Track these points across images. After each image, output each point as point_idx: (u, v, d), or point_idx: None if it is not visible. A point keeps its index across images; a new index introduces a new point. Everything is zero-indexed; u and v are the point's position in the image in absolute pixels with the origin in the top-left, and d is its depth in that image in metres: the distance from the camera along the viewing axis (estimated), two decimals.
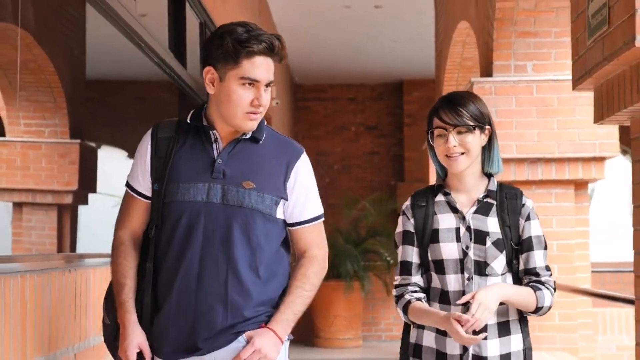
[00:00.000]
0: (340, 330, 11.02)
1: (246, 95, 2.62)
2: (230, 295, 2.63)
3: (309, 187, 2.78)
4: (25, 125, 3.70)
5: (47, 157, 3.88)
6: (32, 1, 3.65)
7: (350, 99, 13.62)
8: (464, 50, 8.07)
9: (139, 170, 2.76)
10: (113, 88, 4.92)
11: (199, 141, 2.71)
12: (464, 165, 2.84)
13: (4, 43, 3.45)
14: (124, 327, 2.67)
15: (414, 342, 2.93)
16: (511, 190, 2.89)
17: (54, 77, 3.83)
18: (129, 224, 2.77)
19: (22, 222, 3.78)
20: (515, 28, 6.07)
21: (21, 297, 2.84)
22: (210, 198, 2.65)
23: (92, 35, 4.27)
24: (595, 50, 3.12)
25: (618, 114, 3.14)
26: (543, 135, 6.02)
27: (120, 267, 2.72)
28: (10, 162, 3.66)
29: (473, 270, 2.81)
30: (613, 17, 2.94)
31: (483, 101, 2.86)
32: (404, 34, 10.80)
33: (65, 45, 4.10)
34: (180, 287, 2.65)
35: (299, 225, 2.78)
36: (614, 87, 3.14)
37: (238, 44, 2.61)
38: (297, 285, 2.73)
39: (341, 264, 10.82)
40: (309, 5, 9.64)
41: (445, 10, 8.45)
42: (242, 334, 2.66)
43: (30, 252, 3.73)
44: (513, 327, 2.84)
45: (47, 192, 3.85)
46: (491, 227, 2.83)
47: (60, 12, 3.98)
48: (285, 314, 2.69)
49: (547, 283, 2.83)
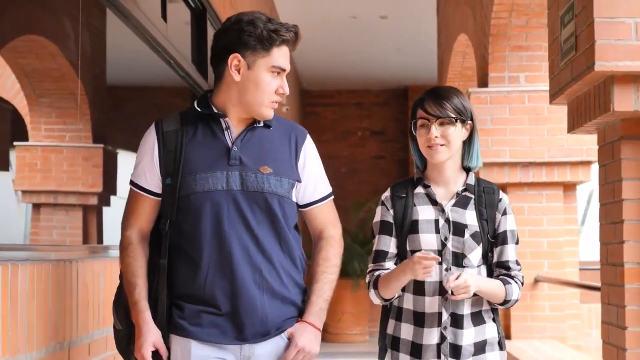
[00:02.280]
0: (348, 326, 11.15)
1: (274, 83, 2.60)
2: (265, 279, 2.59)
3: (318, 166, 2.76)
4: (47, 130, 3.71)
5: (68, 160, 3.89)
6: (57, 13, 3.76)
7: (356, 104, 13.57)
8: (464, 60, 8.28)
9: (145, 167, 2.67)
10: (132, 95, 4.93)
11: (209, 130, 2.64)
12: (444, 157, 2.85)
13: (30, 53, 3.53)
14: (138, 327, 2.58)
15: (391, 333, 2.92)
16: (489, 185, 2.91)
17: (77, 85, 3.85)
18: (137, 222, 2.68)
19: (39, 222, 3.77)
20: (509, 42, 6.36)
21: (44, 284, 2.81)
22: (230, 185, 2.58)
23: (113, 43, 4.31)
24: (566, 71, 3.60)
25: (586, 126, 3.62)
26: (534, 141, 6.30)
27: (130, 267, 2.63)
28: (31, 166, 3.65)
29: (451, 261, 2.81)
30: (579, 45, 3.42)
31: (466, 97, 2.88)
32: (407, 43, 10.83)
33: (87, 54, 4.12)
34: (216, 276, 2.58)
35: (313, 205, 2.74)
36: (582, 103, 3.63)
37: (272, 32, 2.57)
38: (322, 271, 2.70)
39: (348, 263, 10.80)
40: (317, 16, 9.65)
41: (447, 22, 8.63)
42: (284, 332, 2.63)
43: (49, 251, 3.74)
44: (486, 316, 2.86)
45: (69, 193, 3.84)
46: (469, 219, 2.84)
47: (84, 23, 4.01)
48: (318, 304, 2.66)
49: (516, 277, 2.86)
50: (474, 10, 6.94)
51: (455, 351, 2.81)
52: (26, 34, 3.52)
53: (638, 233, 3.40)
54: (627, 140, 3.43)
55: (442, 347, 2.80)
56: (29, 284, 2.67)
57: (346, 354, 10.20)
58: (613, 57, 3.23)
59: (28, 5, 3.54)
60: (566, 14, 3.57)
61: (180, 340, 2.62)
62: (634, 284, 3.39)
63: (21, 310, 2.61)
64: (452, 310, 2.82)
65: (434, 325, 2.82)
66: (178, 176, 2.60)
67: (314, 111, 13.58)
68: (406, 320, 2.87)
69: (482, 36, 6.64)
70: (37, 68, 3.57)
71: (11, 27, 3.39)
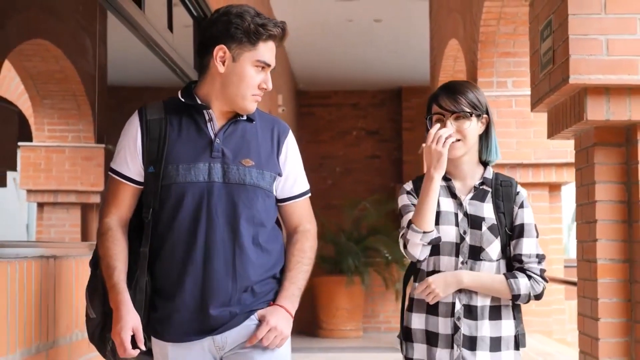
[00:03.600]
0: (342, 321, 11.26)
1: (257, 78, 2.58)
2: (238, 270, 2.55)
3: (298, 162, 2.73)
4: (50, 130, 3.79)
5: (70, 160, 3.95)
6: (61, 18, 3.84)
7: (352, 105, 13.57)
8: (455, 64, 8.34)
9: (127, 155, 2.61)
10: (132, 96, 4.93)
11: (192, 121, 2.61)
12: (460, 152, 2.81)
13: (35, 56, 3.61)
14: (117, 310, 2.51)
15: (405, 325, 2.91)
16: (506, 179, 2.87)
17: (80, 87, 3.91)
18: (117, 210, 2.63)
19: (42, 220, 3.83)
20: (497, 49, 6.49)
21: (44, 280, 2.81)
22: (212, 177, 2.55)
23: (114, 47, 4.36)
24: (545, 82, 3.88)
25: (563, 132, 3.90)
26: (521, 144, 6.46)
27: (109, 252, 2.56)
28: (36, 165, 3.74)
29: (468, 254, 2.78)
30: (556, 58, 3.69)
31: (481, 90, 2.85)
32: (402, 45, 10.86)
33: (89, 57, 4.16)
34: (187, 267, 2.55)
35: (291, 200, 2.72)
36: (560, 111, 3.91)
37: (260, 27, 2.55)
38: (297, 261, 2.67)
39: (343, 260, 11.05)
40: (314, 19, 9.69)
41: (439, 27, 8.75)
42: (254, 313, 2.60)
43: None
44: (504, 312, 2.80)
45: (70, 192, 3.88)
46: (487, 213, 2.80)
47: (86, 27, 4.06)
48: (291, 290, 2.64)
49: (529, 270, 2.79)
50: (464, 18, 7.12)
51: (470, 342, 2.77)
52: (33, 38, 3.61)
53: (610, 232, 3.68)
54: (600, 146, 3.70)
55: (455, 337, 2.77)
56: (27, 280, 2.65)
57: (341, 348, 10.27)
58: (586, 70, 3.51)
59: (35, 9, 3.65)
60: (545, 29, 3.84)
61: (157, 341, 2.62)
62: (606, 278, 3.67)
63: (25, 306, 2.62)
64: (465, 301, 2.79)
65: (448, 315, 2.79)
66: (161, 165, 2.56)
67: (310, 111, 13.61)
68: (419, 310, 2.85)
69: (472, 43, 6.83)
70: (42, 71, 3.66)
71: (18, 32, 3.48)
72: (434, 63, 9.46)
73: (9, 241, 3.07)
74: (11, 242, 3.09)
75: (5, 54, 3.37)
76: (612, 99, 3.56)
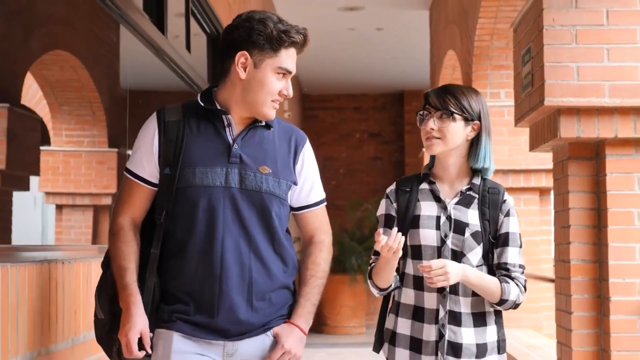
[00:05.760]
0: (346, 318, 11.41)
1: (278, 85, 2.51)
2: (254, 276, 2.50)
3: (315, 171, 2.67)
4: (67, 136, 3.79)
5: (86, 164, 3.94)
6: (80, 30, 3.88)
7: (355, 108, 13.69)
8: (454, 72, 8.54)
9: (143, 155, 2.55)
10: (144, 102, 4.94)
11: (210, 125, 2.55)
12: (437, 150, 2.76)
13: (54, 65, 3.66)
14: (127, 310, 2.45)
15: (390, 328, 2.83)
16: (494, 186, 2.80)
17: (95, 94, 3.95)
18: (130, 210, 2.57)
19: (62, 222, 3.85)
20: (491, 62, 6.80)
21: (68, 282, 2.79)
22: (229, 183, 2.49)
23: (126, 55, 4.38)
24: (525, 102, 4.28)
25: (542, 146, 4.31)
26: (513, 151, 6.73)
27: (120, 252, 2.50)
28: (54, 169, 3.74)
29: (449, 258, 2.70)
30: (534, 82, 4.09)
31: (479, 98, 2.78)
32: (403, 52, 10.98)
33: (104, 66, 4.18)
34: (202, 272, 2.49)
35: (306, 209, 2.66)
36: (539, 128, 4.32)
37: (282, 33, 2.49)
38: (311, 275, 2.63)
39: (347, 260, 11.11)
40: (318, 27, 9.72)
41: (438, 37, 9.00)
42: (270, 330, 2.55)
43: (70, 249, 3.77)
44: (488, 318, 2.75)
45: (85, 195, 3.90)
46: (471, 219, 2.73)
47: (102, 37, 4.09)
48: (306, 307, 2.58)
49: (517, 279, 2.73)
50: (461, 31, 7.40)
51: (454, 349, 2.71)
52: (53, 49, 3.71)
53: (582, 236, 4.07)
54: (573, 160, 4.10)
55: (440, 344, 2.71)
56: (28, 284, 2.58)
57: (344, 344, 10.37)
58: (559, 94, 3.90)
59: (56, 23, 3.73)
60: (525, 55, 4.26)
61: (163, 333, 2.53)
62: (578, 277, 4.07)
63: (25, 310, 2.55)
64: (449, 307, 2.72)
65: (432, 321, 2.73)
66: (177, 167, 2.50)
67: (314, 114, 13.74)
68: (405, 315, 2.78)
69: (467, 56, 7.12)
70: (60, 79, 3.70)
71: (40, 44, 3.56)
72: (433, 71, 9.68)
73: (23, 245, 3.15)
74: (21, 246, 3.16)
75: (29, 66, 3.46)
76: (582, 119, 3.94)
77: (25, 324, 2.55)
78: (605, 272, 4.03)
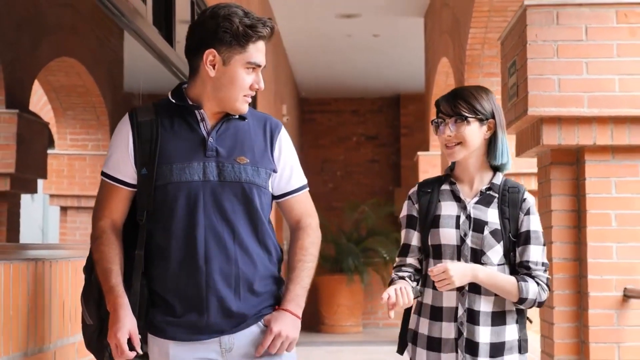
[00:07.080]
0: (343, 317, 11.46)
1: (249, 79, 2.49)
2: (241, 270, 2.48)
3: (293, 157, 2.64)
4: (72, 140, 3.87)
5: (90, 167, 4.02)
6: (85, 38, 3.92)
7: (352, 111, 13.75)
8: (447, 78, 8.76)
9: (119, 158, 2.52)
10: None
11: (184, 121, 2.52)
12: (459, 155, 2.76)
13: (60, 71, 3.70)
14: (114, 312, 2.40)
15: (413, 328, 2.83)
16: (514, 185, 2.79)
17: (99, 99, 3.98)
18: (110, 214, 2.53)
19: (67, 223, 3.91)
20: (482, 70, 6.97)
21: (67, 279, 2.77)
22: (207, 176, 2.47)
23: (129, 61, 4.36)
24: (511, 111, 4.54)
25: (527, 152, 4.56)
26: None
27: (104, 255, 2.46)
28: (59, 172, 3.83)
29: (469, 257, 2.70)
30: (519, 93, 4.33)
31: (490, 96, 2.79)
32: (399, 57, 11.10)
33: (108, 72, 4.20)
34: (188, 268, 2.46)
35: (288, 196, 2.63)
36: (524, 135, 4.57)
37: (248, 29, 2.45)
38: (299, 259, 2.59)
39: (344, 260, 11.23)
40: (316, 34, 9.95)
41: (432, 45, 9.22)
42: (261, 319, 2.53)
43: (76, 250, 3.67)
44: (509, 317, 2.71)
45: (90, 197, 3.65)
46: (491, 217, 2.72)
47: (105, 44, 4.10)
48: (295, 291, 2.55)
49: (537, 277, 2.70)
50: (454, 40, 7.60)
51: (471, 348, 2.70)
52: (60, 57, 3.74)
53: (563, 235, 4.32)
54: (555, 165, 4.34)
55: (459, 342, 2.70)
56: (21, 282, 2.54)
57: (341, 343, 10.45)
58: (541, 104, 4.14)
59: (63, 31, 3.75)
60: (511, 67, 4.52)
61: (157, 340, 2.51)
62: (560, 274, 4.33)
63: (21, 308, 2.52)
64: (468, 305, 2.71)
65: (451, 319, 2.72)
66: (154, 166, 2.47)
67: (312, 118, 13.81)
68: (424, 314, 2.78)
69: (460, 64, 7.31)
70: (65, 84, 3.76)
71: (48, 51, 3.57)
72: (428, 76, 9.88)
73: (24, 244, 3.16)
74: (24, 245, 3.17)
75: (37, 73, 3.48)
76: (563, 127, 4.18)
77: (18, 322, 2.51)
78: (584, 269, 4.26)
